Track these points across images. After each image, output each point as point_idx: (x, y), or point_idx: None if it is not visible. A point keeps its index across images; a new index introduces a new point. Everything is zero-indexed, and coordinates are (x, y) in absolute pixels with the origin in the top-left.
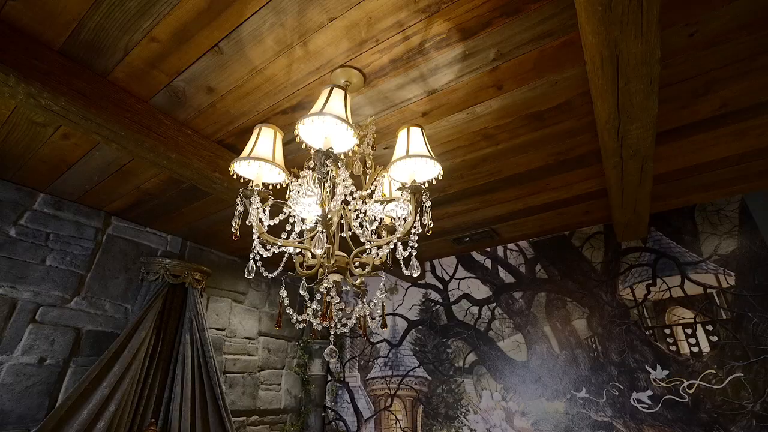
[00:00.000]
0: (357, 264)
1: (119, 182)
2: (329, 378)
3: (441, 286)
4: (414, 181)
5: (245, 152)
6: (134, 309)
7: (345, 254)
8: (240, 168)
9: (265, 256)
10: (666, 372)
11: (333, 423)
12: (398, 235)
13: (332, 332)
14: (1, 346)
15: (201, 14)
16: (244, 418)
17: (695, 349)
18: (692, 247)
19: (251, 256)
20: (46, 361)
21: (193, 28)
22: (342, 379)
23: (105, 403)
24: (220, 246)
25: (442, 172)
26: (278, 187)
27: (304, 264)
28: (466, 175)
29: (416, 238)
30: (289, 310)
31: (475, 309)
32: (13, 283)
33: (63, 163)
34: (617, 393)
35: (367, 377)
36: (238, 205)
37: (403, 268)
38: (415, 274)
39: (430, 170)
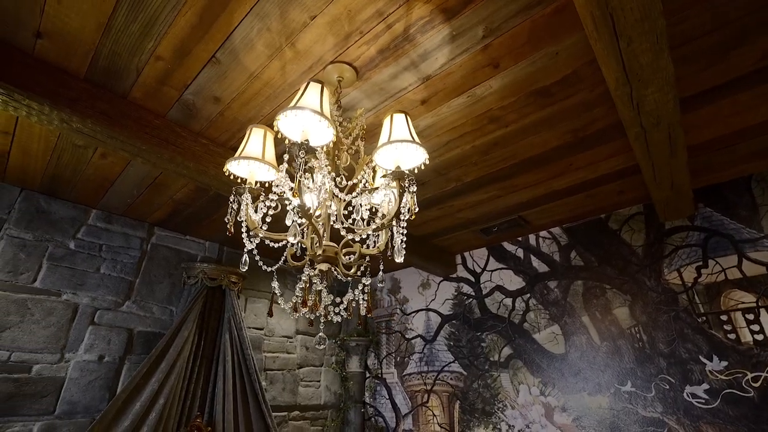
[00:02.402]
0: (346, 254)
1: (155, 194)
2: (367, 375)
3: (473, 279)
4: (398, 167)
5: (237, 153)
6: (178, 311)
7: (335, 245)
8: (233, 167)
9: (263, 244)
10: (725, 363)
11: (372, 419)
12: (383, 222)
13: (322, 321)
14: (67, 345)
15: (194, 28)
16: (286, 413)
17: (759, 337)
18: (750, 223)
19: (245, 250)
20: (105, 359)
21: (190, 43)
22: (380, 375)
23: (155, 396)
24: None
25: (427, 158)
26: (272, 184)
27: (297, 255)
28: (480, 161)
29: (404, 225)
30: (280, 300)
31: (508, 301)
32: (75, 289)
33: (106, 180)
34: (668, 387)
35: (404, 373)
36: (231, 202)
37: (395, 254)
38: (398, 260)
39: (415, 156)
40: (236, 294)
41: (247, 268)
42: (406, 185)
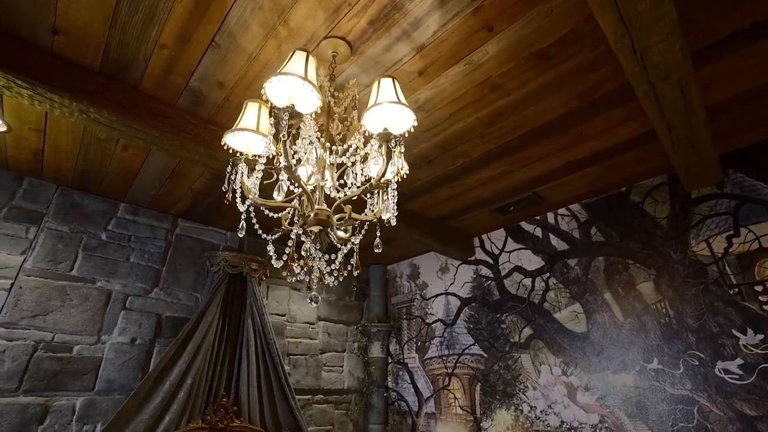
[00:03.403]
0: (339, 219)
1: (175, 185)
2: (389, 360)
3: (491, 261)
4: (385, 129)
5: (234, 126)
6: (202, 297)
7: (327, 208)
8: (230, 140)
9: (264, 218)
10: (761, 336)
11: (396, 403)
12: (372, 182)
13: (315, 282)
14: (103, 328)
15: (192, 14)
16: (309, 396)
17: None
18: None
19: (242, 217)
20: (137, 341)
21: (189, 29)
22: (401, 360)
23: (183, 376)
24: (275, 238)
25: (416, 121)
26: (271, 157)
27: (293, 221)
28: (486, 134)
29: (395, 186)
30: (275, 263)
31: (527, 281)
32: (108, 277)
33: (129, 173)
34: (697, 363)
35: (425, 357)
36: (229, 173)
37: (385, 214)
38: (385, 217)
39: (403, 119)
40: (257, 281)
41: (244, 233)
42: (394, 147)
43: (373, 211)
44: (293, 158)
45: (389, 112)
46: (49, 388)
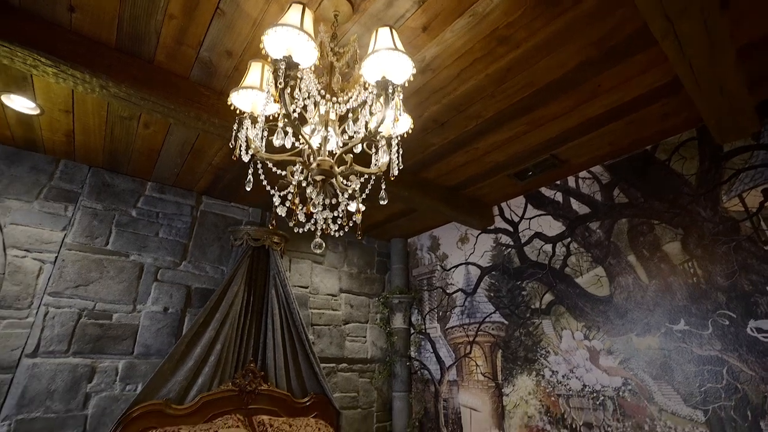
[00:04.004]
0: (342, 169)
1: (196, 161)
2: (412, 330)
3: (511, 229)
4: (384, 78)
5: (239, 85)
6: (228, 270)
7: (330, 159)
8: (235, 99)
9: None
10: None
11: (419, 372)
12: (371, 130)
13: (319, 231)
14: (138, 298)
15: None
16: (334, 364)
17: None
18: None
19: (249, 171)
20: (169, 310)
21: None
22: (423, 330)
23: (213, 342)
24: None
25: (414, 68)
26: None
27: (295, 172)
28: (497, 92)
29: (398, 136)
30: (278, 210)
31: (548, 247)
32: (139, 251)
33: (153, 151)
34: (728, 322)
35: (446, 327)
36: (235, 131)
37: (393, 168)
38: (395, 171)
39: (402, 67)
40: (279, 253)
41: (251, 187)
42: (391, 94)
43: (377, 164)
44: (293, 110)
45: (387, 60)
46: (94, 351)
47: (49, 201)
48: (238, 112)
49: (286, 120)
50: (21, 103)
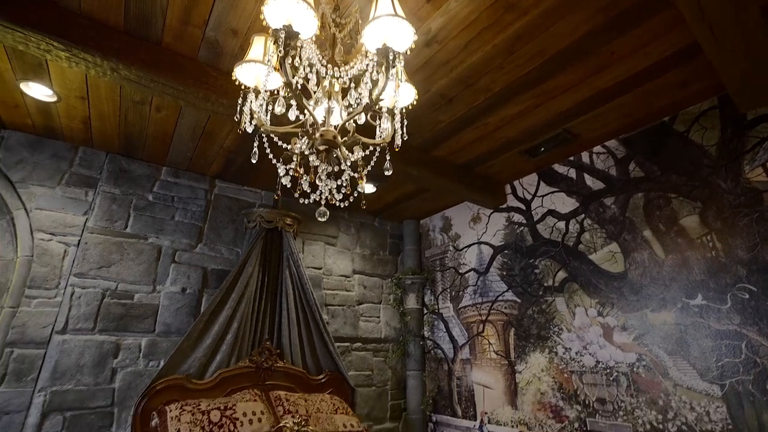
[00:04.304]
0: (348, 143)
1: (207, 144)
2: (425, 311)
3: (523, 207)
4: (384, 44)
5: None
6: (242, 251)
7: (333, 129)
8: (240, 73)
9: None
10: None
11: (432, 351)
12: (373, 98)
13: (322, 199)
14: (157, 279)
15: None
16: (348, 344)
17: None
18: None
19: (255, 144)
20: (187, 291)
21: None
22: (436, 310)
23: (230, 321)
24: (309, 196)
25: (416, 35)
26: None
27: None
28: (506, 63)
29: (402, 108)
30: (282, 179)
31: (561, 224)
32: (157, 234)
33: (165, 135)
34: (747, 296)
35: (459, 306)
36: (241, 105)
37: (397, 138)
38: (398, 141)
39: (403, 34)
40: (292, 235)
41: (256, 159)
42: (392, 61)
43: (382, 136)
44: (296, 81)
45: (388, 27)
46: (118, 329)
47: (70, 186)
48: (242, 87)
49: (288, 90)
50: (39, 91)
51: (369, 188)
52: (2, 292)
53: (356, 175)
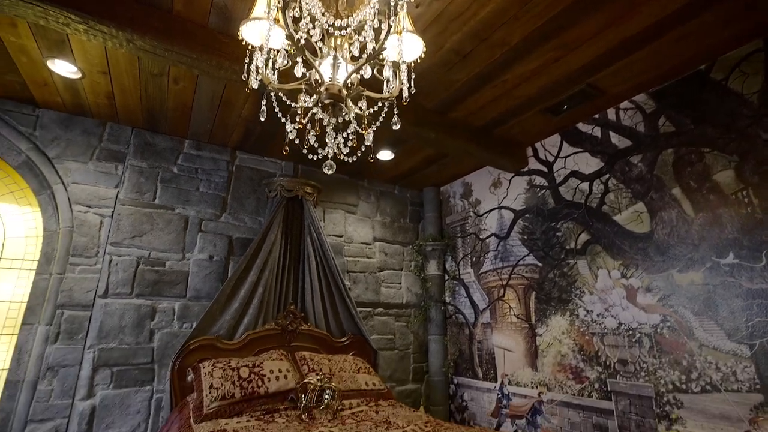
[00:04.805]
0: (354, 97)
1: (226, 114)
2: (446, 277)
3: (545, 169)
4: None
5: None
6: (264, 220)
7: (339, 83)
8: (245, 33)
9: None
10: None
11: (453, 316)
12: (375, 48)
13: (329, 153)
14: (185, 247)
15: None
16: (370, 309)
17: None
18: None
19: (263, 103)
20: (214, 258)
21: None
22: (457, 276)
23: (255, 286)
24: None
25: None
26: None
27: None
28: (521, 14)
29: (411, 61)
30: (288, 133)
31: (585, 185)
32: (183, 205)
33: (185, 107)
34: None
35: (480, 272)
36: (247, 64)
37: (404, 91)
38: (405, 93)
39: None
40: (312, 203)
41: (265, 117)
42: (393, 7)
43: (389, 90)
44: (300, 36)
45: None
46: (153, 293)
47: (101, 161)
48: (249, 47)
49: (291, 44)
50: (64, 68)
51: (386, 155)
52: (50, 260)
53: (360, 128)
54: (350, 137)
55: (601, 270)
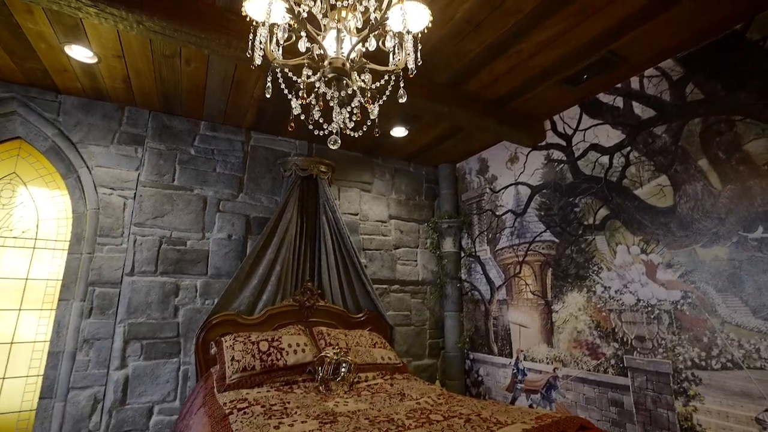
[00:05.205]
0: (358, 67)
1: (238, 94)
2: (462, 254)
3: (564, 143)
4: None
5: None
6: (281, 199)
7: (342, 57)
8: (249, 9)
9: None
10: None
11: (469, 293)
12: (377, 18)
13: (335, 127)
14: (205, 227)
15: None
16: (386, 286)
17: None
18: None
19: (268, 80)
20: (233, 237)
21: None
22: (473, 253)
23: (273, 263)
24: (341, 143)
25: None
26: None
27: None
28: None
29: (417, 32)
30: (294, 108)
31: (605, 159)
32: (201, 185)
33: (198, 88)
34: None
35: (496, 249)
36: (251, 40)
37: (410, 62)
38: (411, 65)
39: None
40: (327, 182)
41: (270, 93)
42: None
43: (395, 62)
44: (302, 9)
45: None
46: (176, 271)
47: (122, 145)
48: (253, 23)
49: (292, 17)
50: (81, 53)
51: (400, 131)
52: (80, 240)
53: (364, 100)
54: (354, 111)
55: (620, 246)
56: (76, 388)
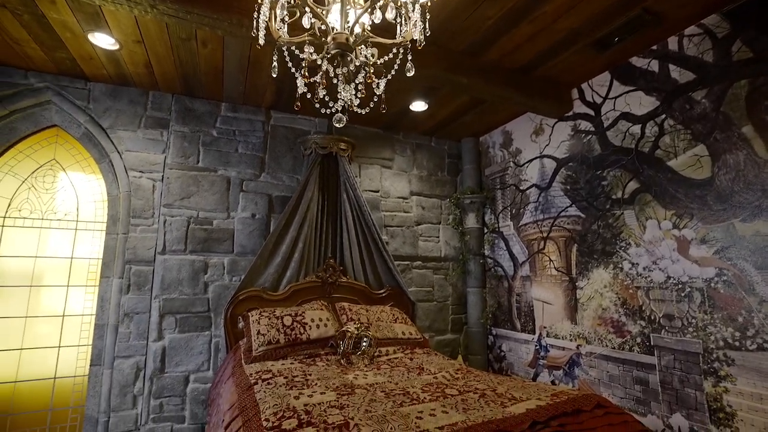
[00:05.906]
0: (360, 40)
1: (256, 74)
2: (485, 230)
3: (592, 113)
4: None
5: None
6: (301, 178)
7: (346, 32)
8: None
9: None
10: None
11: (492, 269)
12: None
13: (339, 106)
14: (229, 206)
15: None
16: (408, 262)
17: None
18: None
19: (274, 58)
20: (256, 216)
21: None
22: (497, 229)
23: (295, 241)
24: (360, 120)
25: None
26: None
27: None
28: None
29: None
30: (299, 88)
31: (636, 128)
32: (224, 166)
33: (216, 70)
34: None
35: (520, 224)
36: (255, 18)
37: (415, 34)
38: (416, 35)
39: None
40: (347, 159)
41: (276, 72)
42: None
43: (402, 35)
44: None
45: None
46: (204, 250)
47: (148, 129)
48: (258, 1)
49: None
50: (104, 40)
51: (420, 105)
52: (116, 221)
53: (366, 78)
54: (359, 88)
55: (650, 220)
56: (120, 357)
